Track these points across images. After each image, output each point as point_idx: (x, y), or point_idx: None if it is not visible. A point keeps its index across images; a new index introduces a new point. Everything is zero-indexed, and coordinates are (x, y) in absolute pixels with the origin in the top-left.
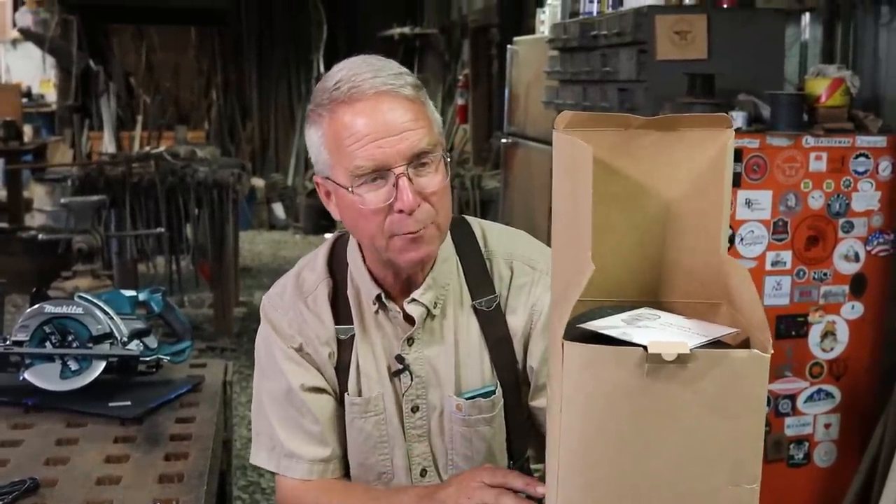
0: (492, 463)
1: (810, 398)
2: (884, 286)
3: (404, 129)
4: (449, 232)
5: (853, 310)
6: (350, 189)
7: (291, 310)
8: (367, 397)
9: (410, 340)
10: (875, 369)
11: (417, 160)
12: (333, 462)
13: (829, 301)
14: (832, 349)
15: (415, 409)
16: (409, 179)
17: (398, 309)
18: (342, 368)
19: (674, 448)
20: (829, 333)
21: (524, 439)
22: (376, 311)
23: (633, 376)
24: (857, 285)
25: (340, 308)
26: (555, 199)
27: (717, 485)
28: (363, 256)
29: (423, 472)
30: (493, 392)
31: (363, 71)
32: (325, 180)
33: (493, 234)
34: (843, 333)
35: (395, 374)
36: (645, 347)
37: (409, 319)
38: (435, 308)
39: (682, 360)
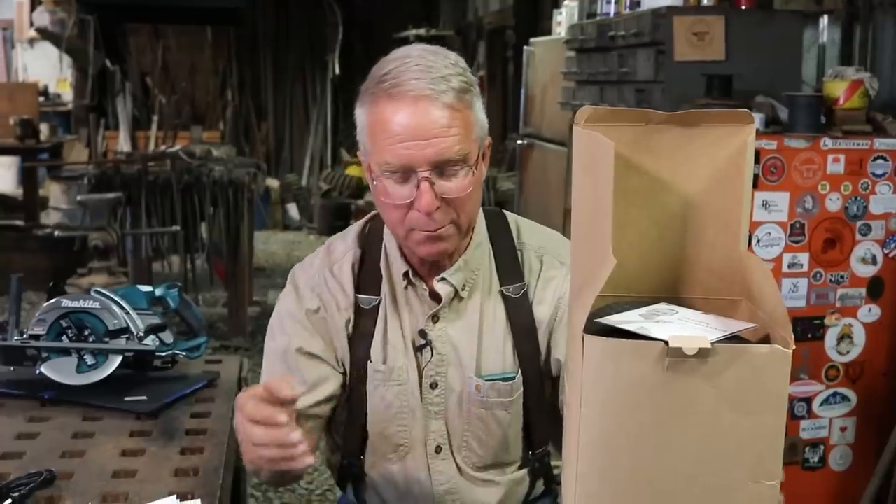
0: (506, 452)
1: (826, 401)
2: None
3: (434, 135)
4: (484, 220)
5: (870, 313)
6: (379, 179)
7: (317, 274)
8: (392, 366)
9: (435, 318)
10: (892, 373)
11: (443, 166)
12: None
13: (845, 304)
14: (848, 352)
15: (433, 386)
16: (431, 184)
17: (425, 287)
18: (362, 336)
19: (693, 443)
20: (845, 336)
21: (543, 432)
22: (405, 287)
23: (654, 370)
24: (875, 288)
25: (367, 278)
26: (574, 194)
27: (736, 481)
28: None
29: (438, 449)
30: (514, 378)
31: (411, 68)
32: (365, 160)
33: (526, 228)
34: (859, 337)
35: (417, 349)
36: (666, 342)
37: (435, 297)
38: (463, 290)
39: (702, 354)
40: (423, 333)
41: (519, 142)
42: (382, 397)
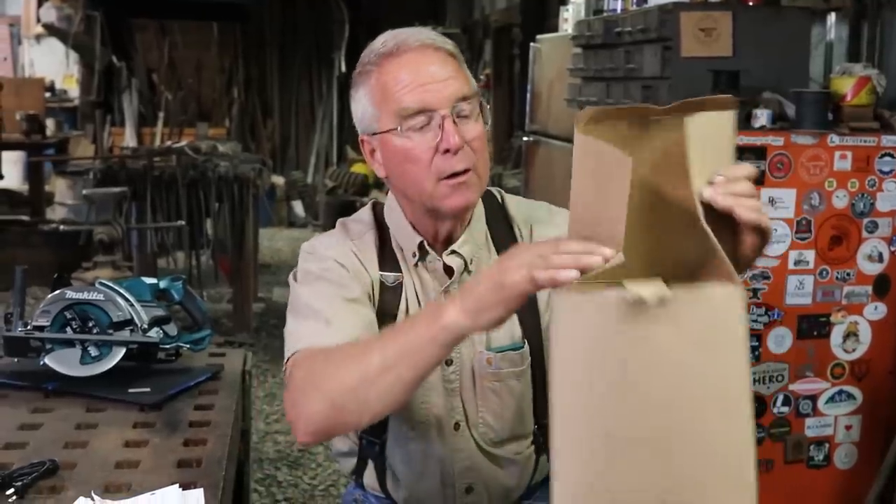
0: (521, 424)
1: (831, 399)
2: None
3: (448, 76)
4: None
5: (876, 311)
6: (398, 129)
7: (340, 246)
8: None
9: (447, 293)
10: None
11: (459, 106)
12: None
13: (851, 301)
14: (854, 350)
15: (448, 363)
16: (454, 122)
17: (438, 259)
18: (386, 313)
19: (663, 388)
20: (851, 334)
21: (546, 405)
22: (415, 264)
23: (617, 320)
24: (881, 286)
25: (387, 256)
26: (574, 195)
27: (709, 421)
28: (403, 212)
29: (457, 426)
30: (522, 347)
31: (406, 31)
32: (371, 137)
33: (512, 202)
34: (865, 334)
35: None
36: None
37: (447, 272)
38: (471, 263)
39: (661, 300)
40: None
41: (525, 139)
42: None
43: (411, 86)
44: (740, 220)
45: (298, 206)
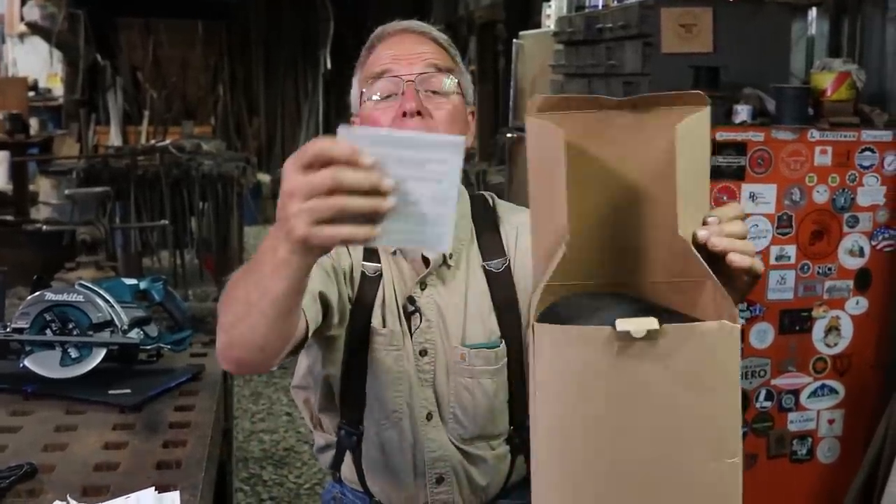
0: (492, 423)
1: (814, 394)
2: (888, 282)
3: (421, 52)
4: (467, 195)
5: (857, 305)
6: (365, 95)
7: None
8: (392, 329)
9: (423, 284)
10: (879, 365)
11: (430, 79)
12: None
13: (833, 296)
14: (836, 344)
15: (423, 353)
16: (416, 91)
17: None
18: (365, 302)
19: (650, 426)
20: (833, 329)
21: (525, 406)
22: (394, 252)
23: (604, 355)
24: (862, 280)
25: (368, 247)
26: (531, 185)
27: (698, 461)
28: None
29: (429, 416)
30: (498, 346)
31: (399, 21)
32: (356, 116)
33: (502, 207)
34: (847, 329)
35: (407, 315)
36: (614, 325)
37: (424, 262)
38: (451, 258)
39: (651, 336)
40: (411, 299)
41: (508, 135)
42: (382, 361)
43: (385, 57)
44: (732, 265)
45: None
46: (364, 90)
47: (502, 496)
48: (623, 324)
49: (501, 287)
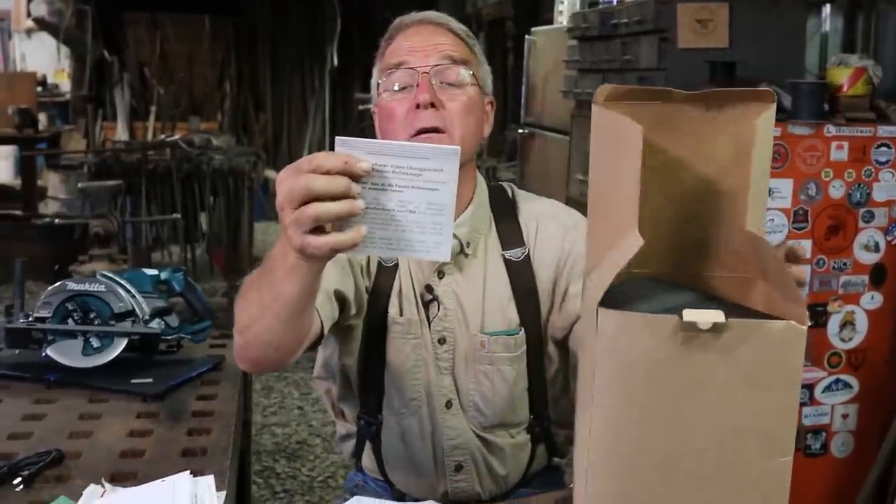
0: (512, 412)
1: (828, 388)
2: None
3: (438, 43)
4: (486, 186)
5: (872, 300)
6: (382, 86)
7: None
8: (409, 318)
9: (441, 273)
10: (894, 360)
11: (445, 72)
12: None
13: (848, 291)
14: (851, 339)
15: (441, 341)
16: (431, 83)
17: None
18: (382, 291)
19: (706, 419)
20: (847, 323)
21: (544, 395)
22: None
23: (667, 345)
24: (877, 275)
25: None
26: (592, 172)
27: (749, 457)
28: None
29: (449, 404)
30: (517, 333)
31: (419, 13)
32: (374, 107)
33: (521, 197)
34: (862, 324)
35: (425, 304)
36: (680, 315)
37: None
38: (468, 247)
39: (716, 329)
40: (429, 288)
41: (520, 131)
42: (400, 349)
43: (402, 49)
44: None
45: None
46: (381, 81)
47: (522, 485)
48: (690, 314)
49: (521, 276)
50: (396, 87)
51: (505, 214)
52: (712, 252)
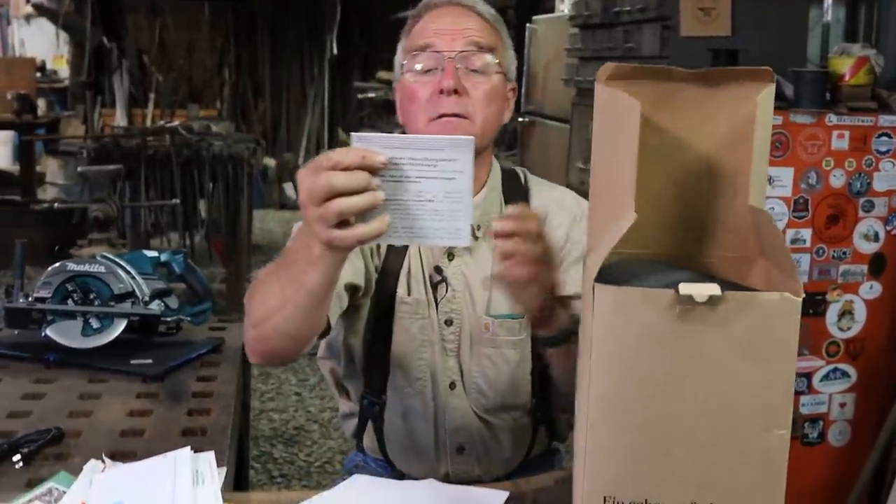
0: (514, 395)
1: (826, 377)
2: None
3: (465, 27)
4: (499, 169)
5: (871, 289)
6: (406, 67)
7: None
8: (417, 298)
9: (451, 255)
10: (892, 349)
11: (470, 57)
12: None
13: (847, 280)
14: (849, 328)
15: (448, 322)
16: (456, 68)
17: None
18: (391, 271)
19: (705, 392)
20: (846, 313)
21: (547, 379)
22: None
23: (664, 318)
24: (877, 265)
25: None
26: (594, 151)
27: (748, 429)
28: None
29: (452, 385)
30: (522, 317)
31: None
32: (397, 84)
33: (534, 183)
34: (860, 313)
35: (434, 285)
36: (676, 289)
37: None
38: (478, 230)
39: (712, 301)
40: (438, 269)
41: (520, 119)
42: (407, 329)
43: (428, 31)
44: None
45: (290, 188)
46: (405, 62)
47: (523, 467)
48: (686, 287)
49: None
50: (420, 69)
51: (516, 199)
52: (712, 232)
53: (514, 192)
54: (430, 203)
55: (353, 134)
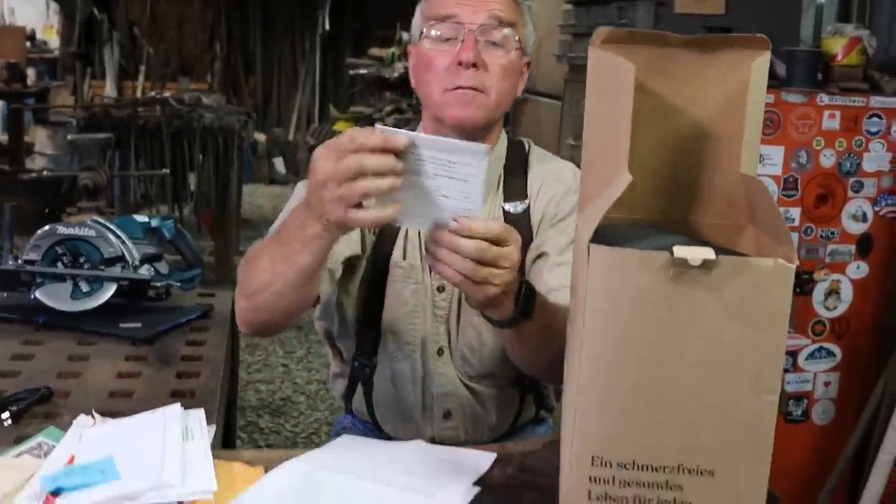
0: (497, 364)
1: (811, 356)
2: (890, 247)
3: (489, 1)
4: (506, 140)
5: (858, 269)
6: (426, 33)
7: None
8: (412, 263)
9: None
10: (876, 330)
11: (491, 31)
12: None
13: (835, 260)
14: (835, 308)
15: (440, 289)
16: (476, 40)
17: None
18: (388, 234)
19: (696, 355)
20: (833, 292)
21: None
22: None
23: (658, 280)
24: (864, 245)
25: None
26: (587, 114)
27: (737, 394)
28: (424, 130)
29: (440, 351)
30: None
31: None
32: (414, 48)
33: (535, 154)
34: (847, 293)
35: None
36: (671, 251)
37: None
38: None
39: (707, 265)
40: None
41: None
42: (400, 293)
43: (449, 1)
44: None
45: (279, 164)
46: (424, 28)
47: (510, 434)
48: (680, 251)
49: (517, 229)
50: (439, 36)
51: (516, 168)
52: (704, 198)
53: (515, 161)
54: (443, 198)
55: (377, 126)
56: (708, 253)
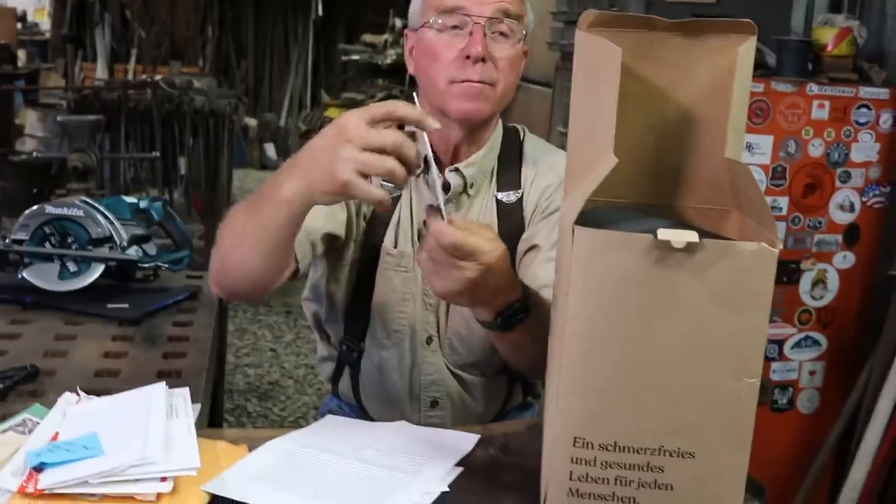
0: (485, 353)
1: (797, 345)
2: (876, 238)
3: None
4: (502, 128)
5: (845, 259)
6: (432, 23)
7: None
8: (402, 250)
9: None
10: (862, 320)
11: (498, 23)
12: None
13: (822, 249)
14: (822, 297)
15: None
16: (484, 34)
17: (440, 174)
18: (380, 221)
19: (678, 338)
20: (819, 282)
21: None
22: (417, 176)
23: (642, 263)
24: (851, 235)
25: None
26: (573, 96)
27: (719, 376)
28: None
29: (429, 340)
30: None
31: None
32: (413, 32)
33: (530, 142)
34: (833, 282)
35: (421, 238)
36: (655, 234)
37: (445, 188)
38: (471, 188)
39: (690, 248)
40: (426, 223)
41: None
42: (389, 281)
43: None
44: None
45: (271, 149)
46: (428, 17)
47: (497, 420)
48: (664, 233)
49: (510, 219)
50: (444, 24)
51: (510, 157)
52: (689, 182)
53: (510, 150)
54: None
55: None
56: (692, 236)
